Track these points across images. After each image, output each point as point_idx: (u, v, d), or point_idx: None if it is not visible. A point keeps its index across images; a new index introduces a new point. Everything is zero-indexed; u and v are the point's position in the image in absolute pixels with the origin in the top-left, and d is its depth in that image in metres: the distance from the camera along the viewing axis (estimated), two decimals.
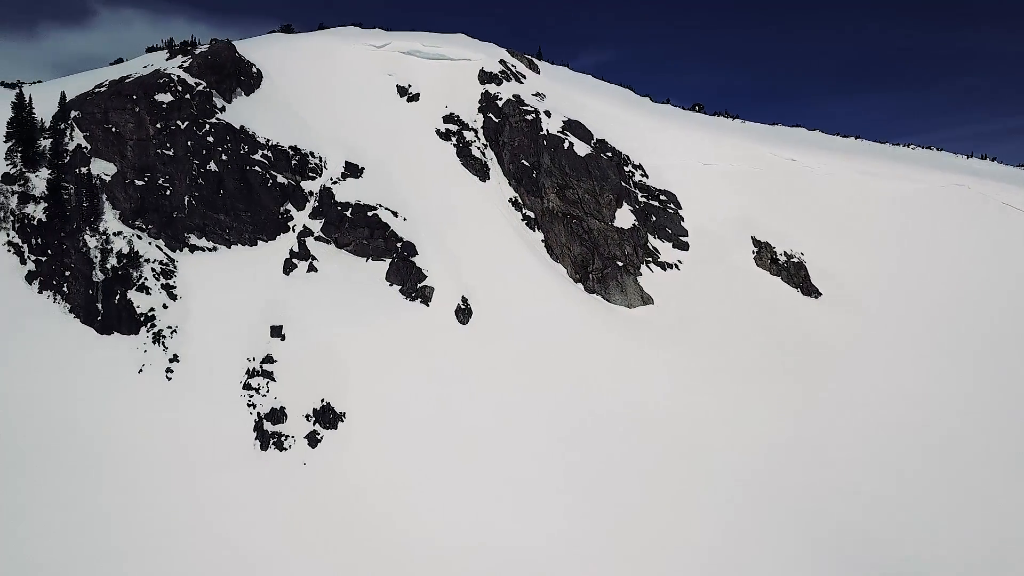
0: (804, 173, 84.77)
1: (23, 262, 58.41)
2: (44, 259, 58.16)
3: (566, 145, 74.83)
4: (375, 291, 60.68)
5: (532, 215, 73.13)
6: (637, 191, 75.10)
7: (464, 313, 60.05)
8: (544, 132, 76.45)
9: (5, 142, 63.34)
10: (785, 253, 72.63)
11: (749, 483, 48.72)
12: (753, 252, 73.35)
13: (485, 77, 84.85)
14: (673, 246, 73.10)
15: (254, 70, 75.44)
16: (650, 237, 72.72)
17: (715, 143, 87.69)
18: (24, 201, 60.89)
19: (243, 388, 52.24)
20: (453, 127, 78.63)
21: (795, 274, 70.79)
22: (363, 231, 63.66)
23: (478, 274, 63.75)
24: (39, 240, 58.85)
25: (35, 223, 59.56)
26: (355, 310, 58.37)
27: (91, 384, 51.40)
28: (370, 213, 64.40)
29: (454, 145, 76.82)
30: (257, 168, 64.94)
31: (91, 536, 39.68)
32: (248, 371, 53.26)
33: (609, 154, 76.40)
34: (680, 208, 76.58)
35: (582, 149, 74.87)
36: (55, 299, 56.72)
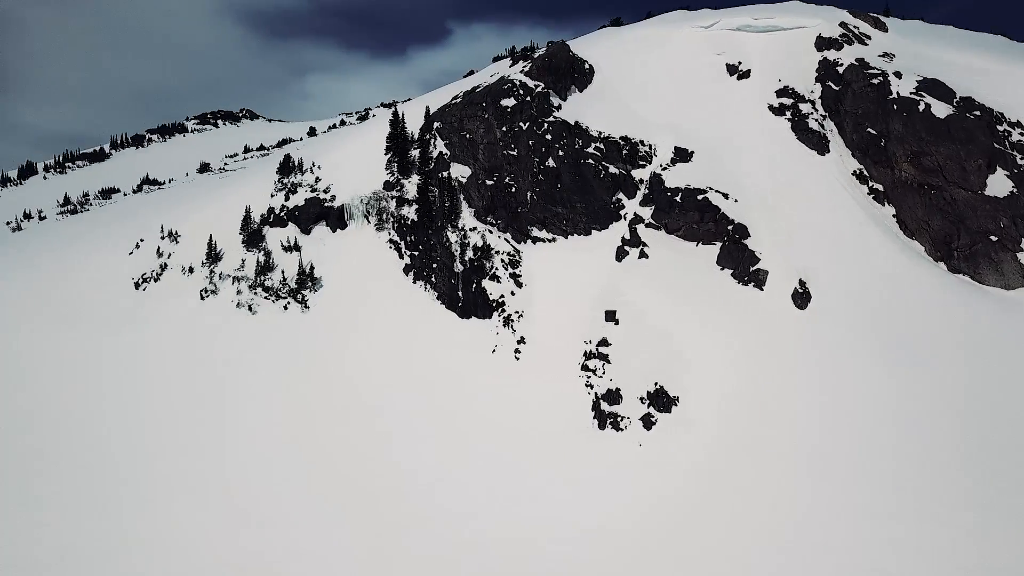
0: None
1: (400, 256, 68.53)
2: (416, 254, 67.58)
3: (921, 107, 66.52)
4: (706, 276, 60.13)
5: (880, 187, 66.38)
6: (1015, 153, 64.12)
7: (802, 297, 56.80)
8: (894, 95, 68.82)
9: (385, 154, 74.73)
10: None
11: None
12: None
13: (823, 43, 78.90)
14: None
15: (586, 66, 79.03)
16: None
17: None
18: (400, 204, 71.27)
19: (581, 369, 55.46)
20: (787, 100, 74.44)
21: None
22: (693, 215, 63.38)
23: (817, 254, 59.76)
24: (412, 237, 68.49)
25: (409, 223, 69.42)
26: (686, 295, 58.47)
27: (454, 361, 58.76)
28: (700, 197, 63.87)
29: (788, 119, 72.74)
30: (590, 161, 68.09)
31: (461, 487, 45.34)
32: (585, 353, 56.37)
33: (976, 113, 66.19)
34: None
35: (941, 110, 65.92)
36: (425, 288, 65.69)
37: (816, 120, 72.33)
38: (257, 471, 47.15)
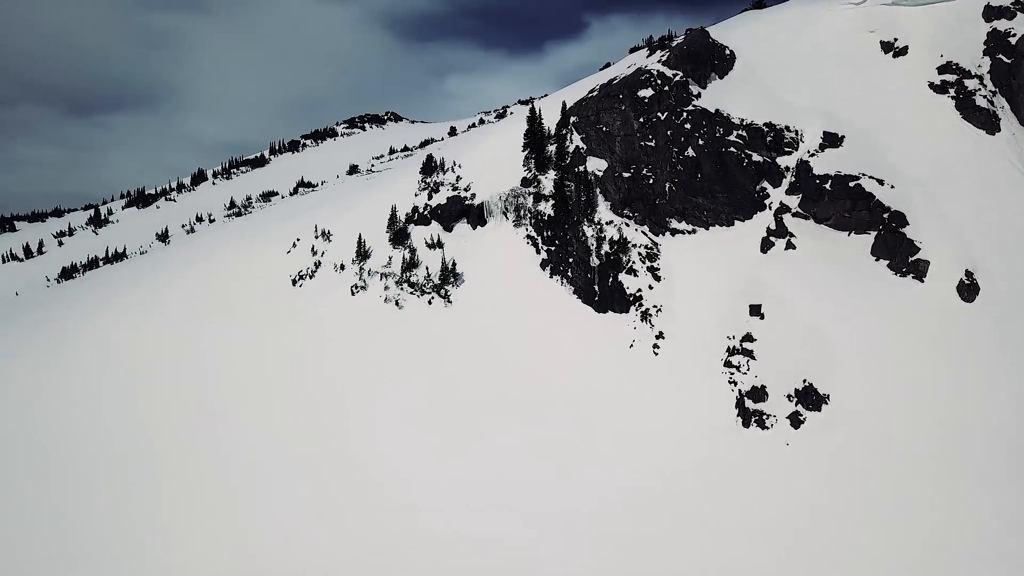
0: None
1: (537, 251, 69.32)
2: (552, 248, 68.11)
3: None
4: (859, 267, 56.78)
5: None
6: None
7: (969, 289, 52.45)
8: None
9: (523, 151, 75.76)
10: None
11: None
12: None
13: (992, 13, 72.12)
14: None
15: (726, 52, 76.47)
16: None
17: None
18: (537, 200, 72.05)
19: (724, 365, 53.96)
20: (950, 77, 68.69)
21: None
22: (844, 203, 59.96)
23: (986, 242, 54.90)
24: (548, 232, 69.09)
25: (545, 218, 70.06)
26: (838, 287, 55.48)
27: (591, 356, 58.83)
28: (851, 183, 60.31)
29: (952, 97, 67.14)
30: (732, 149, 65.93)
31: (595, 483, 45.47)
32: (728, 349, 54.78)
33: None
34: None
35: None
36: (562, 282, 66.10)
37: (984, 97, 66.35)
38: (406, 455, 49.40)
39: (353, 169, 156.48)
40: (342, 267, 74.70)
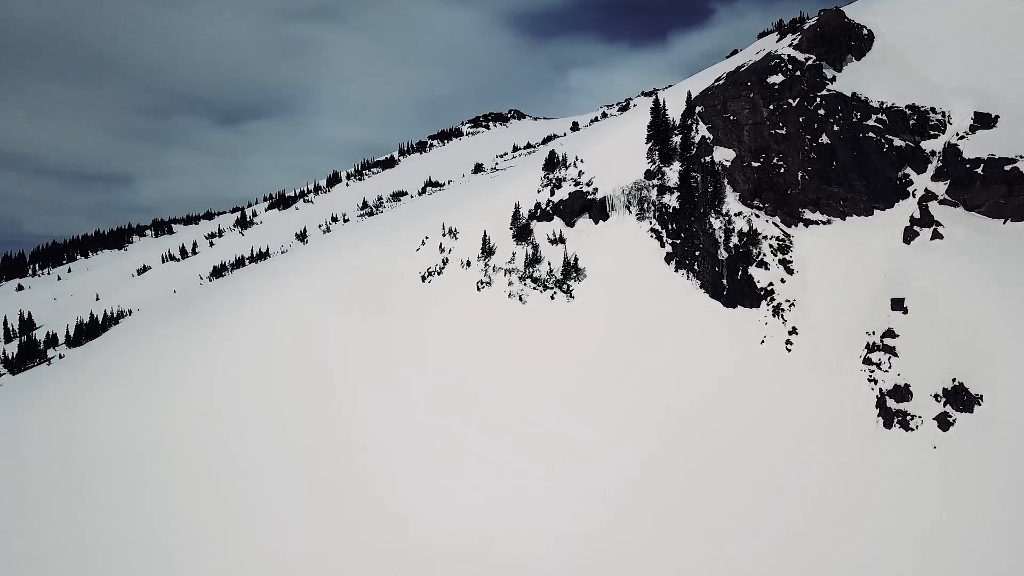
0: None
1: (662, 245, 68.15)
2: (677, 242, 66.74)
3: None
4: (1017, 256, 52.23)
5: None
6: None
7: None
8: None
9: (646, 143, 74.68)
10: None
11: None
12: None
13: None
14: None
15: (864, 32, 72.21)
16: None
17: None
18: (661, 193, 70.82)
19: (862, 363, 51.10)
20: None
21: None
22: (999, 188, 55.22)
23: None
24: (673, 225, 67.75)
25: (670, 211, 68.75)
26: (992, 279, 51.16)
27: (718, 352, 57.18)
28: (1008, 167, 55.44)
29: None
30: (871, 134, 62.21)
31: (725, 486, 44.25)
32: (867, 345, 51.82)
33: None
34: None
35: None
36: (688, 276, 64.66)
37: None
38: (540, 448, 49.95)
39: (478, 168, 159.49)
40: (468, 264, 76.38)
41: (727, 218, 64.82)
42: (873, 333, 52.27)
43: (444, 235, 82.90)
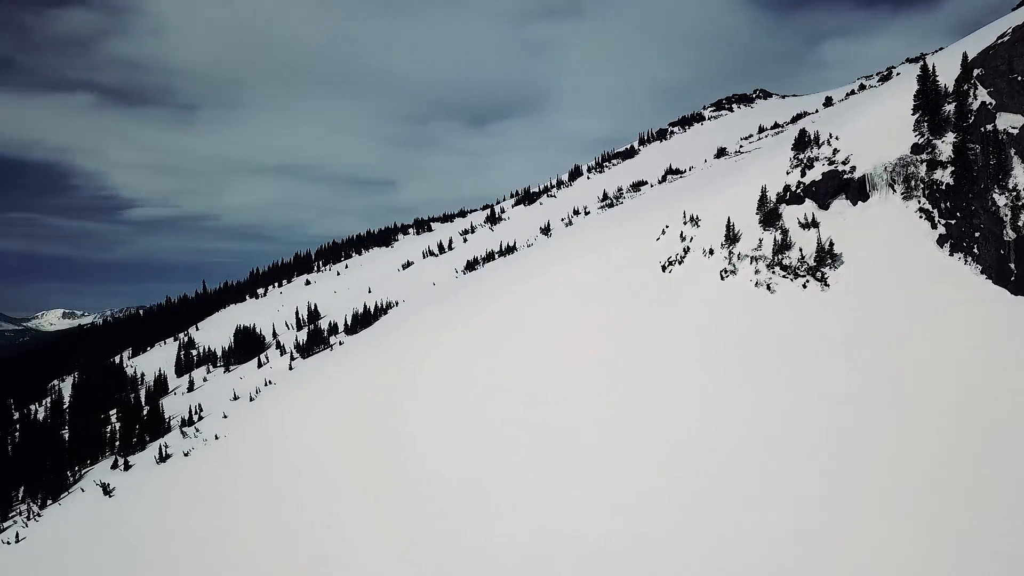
0: None
1: (933, 227, 61.27)
2: (953, 222, 59.63)
3: None
4: None
5: None
6: None
7: None
8: None
9: (912, 114, 67.46)
10: None
11: None
12: None
13: None
14: None
15: None
16: None
17: None
18: (932, 168, 63.66)
19: None
20: None
21: None
22: None
23: None
24: (947, 204, 60.63)
25: (942, 188, 61.59)
26: None
27: (1003, 345, 50.24)
28: None
29: None
30: None
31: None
32: None
33: None
34: None
35: None
36: (965, 260, 57.54)
37: None
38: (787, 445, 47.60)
39: (720, 152, 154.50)
40: (711, 252, 74.34)
41: (1015, 193, 56.71)
42: None
43: (685, 223, 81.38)
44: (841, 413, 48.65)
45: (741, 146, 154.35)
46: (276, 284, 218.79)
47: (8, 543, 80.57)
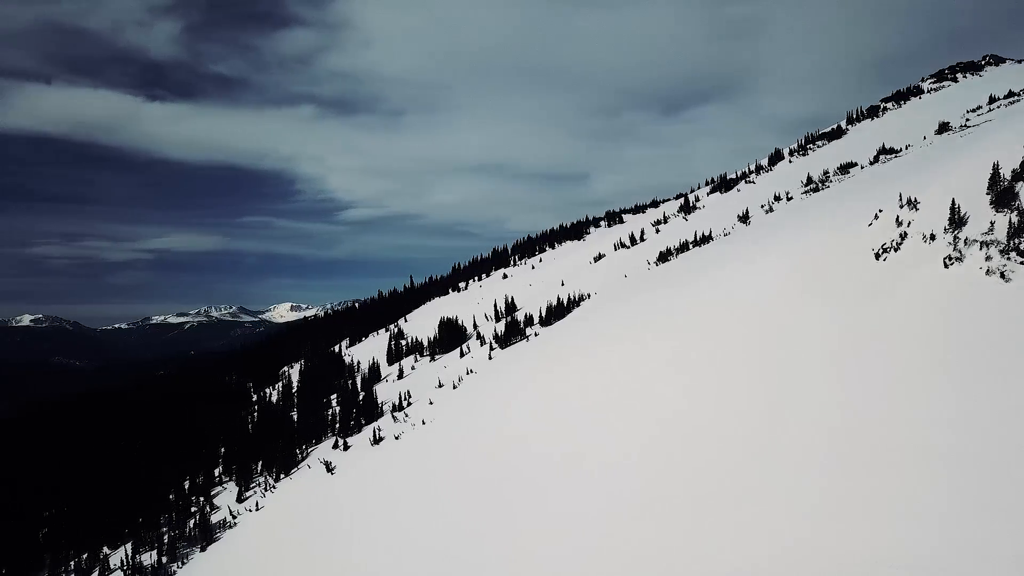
0: None
1: None
2: None
3: None
4: None
5: None
6: None
7: None
8: None
9: None
10: None
11: None
12: None
13: None
14: None
15: None
16: None
17: None
18: None
19: None
20: None
21: None
22: None
23: None
24: None
25: None
26: None
27: None
28: None
29: None
30: None
31: None
32: None
33: None
34: None
35: None
36: None
37: None
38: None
39: (943, 127, 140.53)
40: (932, 237, 67.81)
41: None
42: None
43: (901, 206, 74.71)
44: None
45: (967, 119, 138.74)
46: (476, 278, 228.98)
47: (251, 510, 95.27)
